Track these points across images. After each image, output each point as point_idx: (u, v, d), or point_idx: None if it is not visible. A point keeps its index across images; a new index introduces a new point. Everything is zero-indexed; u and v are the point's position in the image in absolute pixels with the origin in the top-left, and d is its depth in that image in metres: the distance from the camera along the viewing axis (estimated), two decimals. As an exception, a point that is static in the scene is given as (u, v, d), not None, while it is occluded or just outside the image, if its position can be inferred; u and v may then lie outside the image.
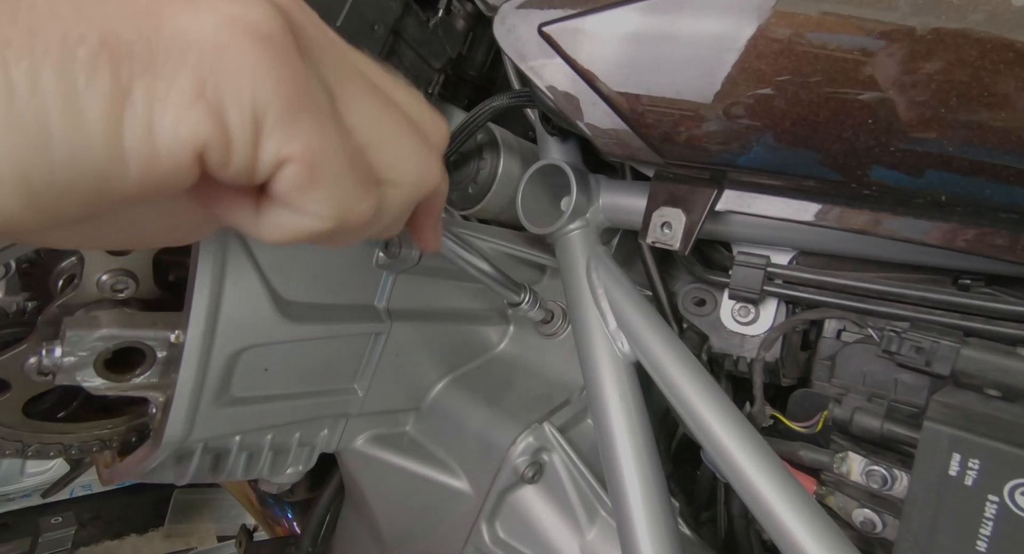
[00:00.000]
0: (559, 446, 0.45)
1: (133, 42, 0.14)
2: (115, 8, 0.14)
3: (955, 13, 0.23)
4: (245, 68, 0.15)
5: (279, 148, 0.16)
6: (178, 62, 0.15)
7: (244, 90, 0.15)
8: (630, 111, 0.33)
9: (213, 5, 0.15)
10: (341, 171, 0.17)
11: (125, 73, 0.14)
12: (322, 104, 0.17)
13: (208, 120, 0.15)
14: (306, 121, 0.16)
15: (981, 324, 0.31)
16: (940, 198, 0.26)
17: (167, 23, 0.14)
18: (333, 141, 0.17)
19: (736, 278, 0.39)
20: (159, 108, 0.15)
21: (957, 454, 0.25)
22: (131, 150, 0.15)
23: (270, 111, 0.16)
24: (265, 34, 0.15)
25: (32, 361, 0.30)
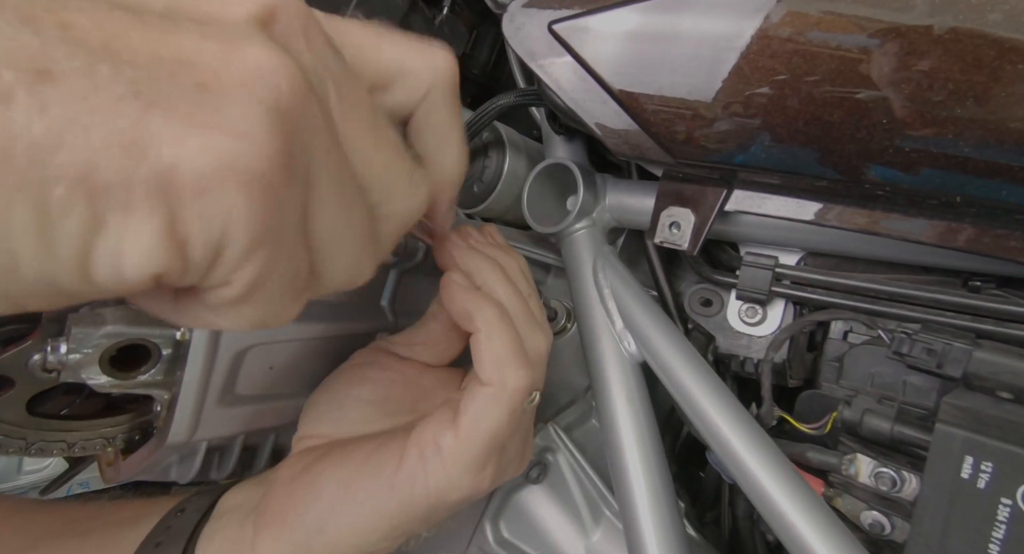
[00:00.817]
0: (564, 446, 0.45)
1: (111, 180, 0.13)
2: (98, 142, 0.13)
3: (973, 13, 0.23)
4: (222, 211, 0.15)
5: (227, 275, 0.16)
6: (153, 200, 0.14)
7: (215, 230, 0.15)
8: (640, 110, 0.33)
9: (206, 142, 0.14)
10: (275, 294, 0.17)
11: (100, 208, 0.14)
12: (290, 227, 0.16)
13: (174, 253, 0.15)
14: (265, 251, 0.16)
15: (992, 326, 0.31)
16: (955, 199, 0.26)
17: (151, 159, 0.14)
18: (283, 264, 0.17)
19: (744, 279, 0.39)
20: (130, 242, 0.14)
21: (970, 457, 0.25)
22: (97, 277, 0.14)
23: (232, 247, 0.15)
24: (254, 177, 0.15)
25: (36, 358, 0.30)
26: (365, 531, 0.26)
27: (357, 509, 0.26)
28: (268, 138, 0.15)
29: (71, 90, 0.13)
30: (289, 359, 0.37)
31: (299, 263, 0.18)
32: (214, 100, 0.14)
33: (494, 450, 0.27)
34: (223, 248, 0.15)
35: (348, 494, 0.26)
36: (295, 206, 0.16)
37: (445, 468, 0.26)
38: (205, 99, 0.14)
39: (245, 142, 0.14)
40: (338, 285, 0.20)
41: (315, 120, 0.16)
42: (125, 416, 0.36)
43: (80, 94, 0.13)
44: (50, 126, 0.13)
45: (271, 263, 0.16)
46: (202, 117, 0.14)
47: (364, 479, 0.27)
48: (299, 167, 0.16)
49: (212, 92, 0.14)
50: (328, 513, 0.26)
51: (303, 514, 0.27)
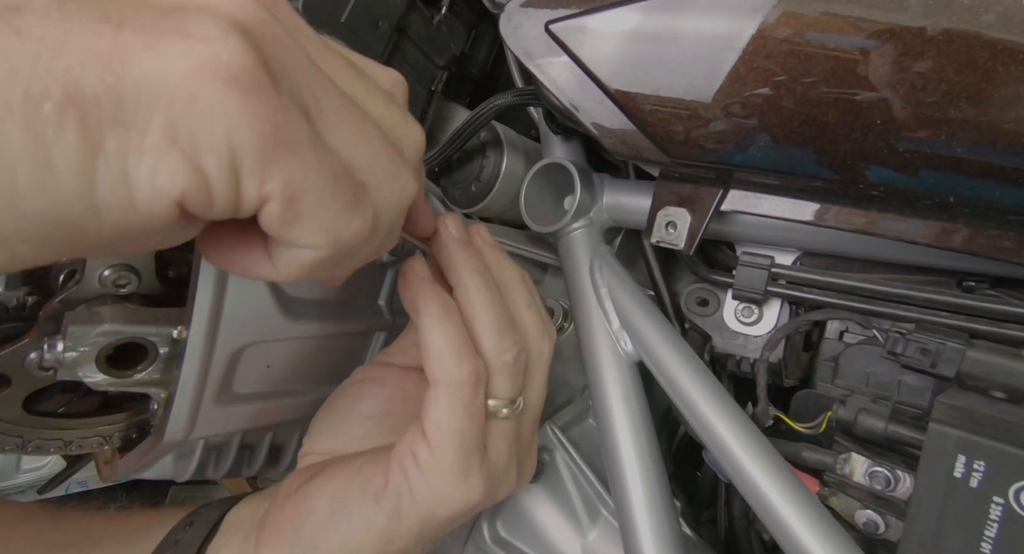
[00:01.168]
0: (561, 445, 0.45)
1: (99, 93, 0.14)
2: (76, 57, 0.13)
3: (967, 14, 0.23)
4: (218, 113, 0.15)
5: (259, 188, 0.16)
6: (147, 111, 0.14)
7: (219, 135, 0.15)
8: (637, 110, 0.33)
9: (179, 47, 0.14)
10: (323, 199, 0.17)
11: (94, 126, 0.14)
12: (300, 135, 0.17)
13: (184, 168, 0.15)
14: (283, 157, 0.16)
15: (986, 326, 0.31)
16: (948, 199, 0.26)
17: (131, 70, 0.14)
18: (312, 172, 0.17)
19: (740, 278, 0.39)
20: (133, 159, 0.14)
21: (962, 456, 0.25)
22: (105, 202, 0.14)
23: (247, 153, 0.15)
24: (236, 74, 0.15)
25: (33, 356, 0.30)
26: (356, 548, 0.26)
27: (346, 524, 0.26)
28: (235, 41, 0.15)
29: (43, 18, 0.13)
30: (286, 358, 0.37)
31: (333, 166, 0.18)
32: (179, 17, 0.15)
33: (470, 453, 0.26)
34: (237, 157, 0.15)
35: (338, 510, 0.26)
36: (296, 117, 0.16)
37: (426, 479, 0.25)
38: (172, 18, 0.15)
39: (214, 43, 0.15)
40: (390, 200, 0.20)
41: (290, 49, 0.17)
42: (122, 414, 0.36)
43: (52, 21, 0.13)
44: (27, 49, 0.13)
45: (298, 166, 0.16)
46: (170, 28, 0.15)
47: (351, 493, 0.26)
48: (283, 80, 0.16)
49: (177, 13, 0.15)
50: (320, 529, 0.26)
51: (299, 529, 0.27)
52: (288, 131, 0.16)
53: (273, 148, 0.16)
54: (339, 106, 0.18)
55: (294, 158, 0.16)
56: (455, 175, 0.52)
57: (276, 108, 0.16)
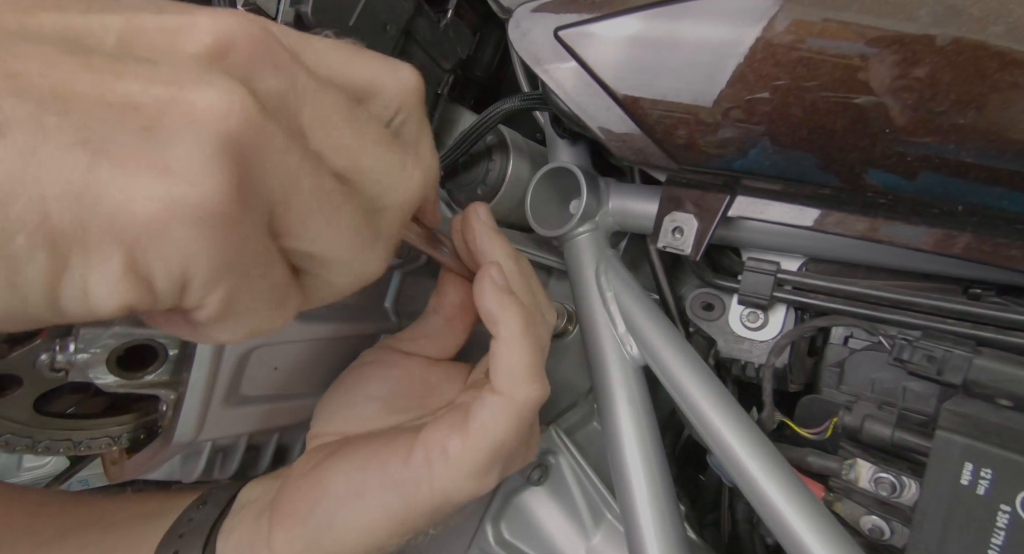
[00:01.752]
0: (565, 449, 0.45)
1: (68, 225, 0.14)
2: (50, 190, 0.14)
3: (976, 24, 0.23)
4: (178, 248, 0.15)
5: (198, 300, 0.17)
6: (111, 243, 0.15)
7: (174, 266, 0.16)
8: (644, 115, 0.34)
9: (152, 185, 0.14)
10: (253, 309, 0.18)
11: (63, 250, 0.14)
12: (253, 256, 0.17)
13: (137, 289, 0.16)
14: (229, 279, 0.17)
15: (992, 334, 0.31)
16: (956, 208, 0.26)
17: (102, 204, 0.14)
18: (253, 288, 0.18)
19: (746, 284, 0.40)
20: (93, 280, 0.15)
21: (969, 464, 0.25)
22: (66, 309, 0.15)
23: (197, 278, 0.16)
24: (205, 217, 0.15)
25: (44, 357, 0.30)
26: (371, 528, 0.27)
27: (362, 506, 0.27)
28: (214, 176, 0.15)
29: (20, 142, 0.13)
30: (294, 360, 0.37)
31: (274, 279, 0.18)
32: (160, 142, 0.15)
33: (500, 457, 0.27)
34: (187, 281, 0.16)
35: (353, 491, 0.27)
36: (258, 233, 0.17)
37: (450, 472, 0.26)
38: (151, 142, 0.15)
39: (189, 183, 0.15)
40: (349, 285, 0.21)
41: (276, 144, 0.17)
42: (130, 415, 0.37)
43: (29, 146, 0.13)
44: (2, 179, 0.13)
45: (239, 285, 0.17)
46: (148, 161, 0.15)
47: (369, 476, 0.27)
48: (257, 197, 0.17)
49: (158, 134, 0.15)
50: (335, 509, 0.27)
51: (313, 510, 0.27)
52: (242, 253, 0.17)
53: (223, 272, 0.16)
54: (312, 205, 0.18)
55: (241, 275, 0.17)
56: (461, 178, 0.52)
57: (236, 233, 0.16)
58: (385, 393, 0.32)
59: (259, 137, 0.16)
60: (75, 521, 0.32)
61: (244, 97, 0.16)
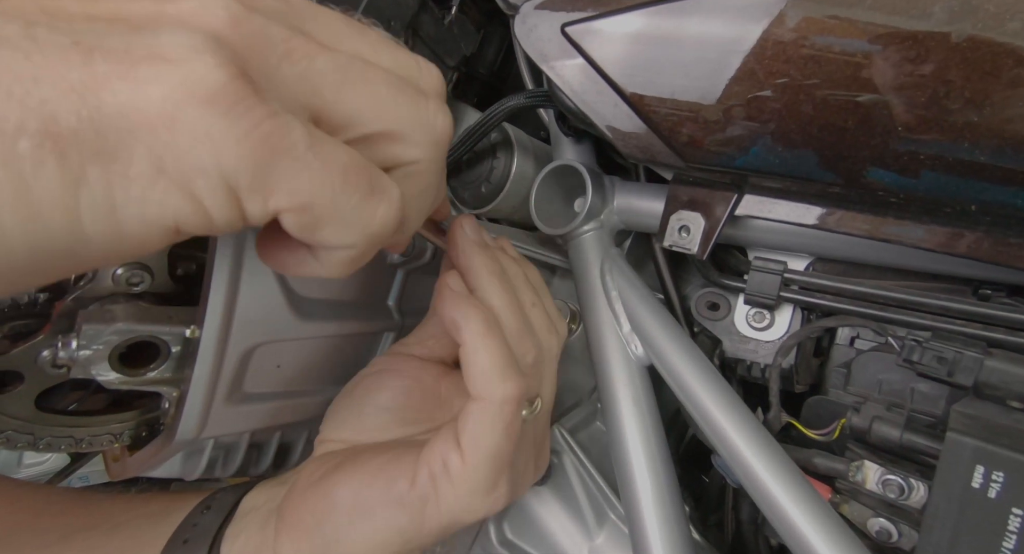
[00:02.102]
0: (569, 448, 0.45)
1: (76, 126, 0.13)
2: (49, 90, 0.13)
3: (992, 21, 0.23)
4: (202, 139, 0.14)
5: (263, 205, 0.16)
6: (129, 142, 0.14)
7: (207, 160, 0.14)
8: (652, 113, 0.33)
9: (151, 71, 0.14)
10: (337, 200, 0.17)
11: (75, 159, 0.13)
12: (295, 139, 0.16)
13: (175, 196, 0.14)
14: (282, 168, 0.15)
15: (1003, 335, 0.31)
16: (970, 207, 0.26)
17: (107, 100, 0.14)
18: (317, 175, 0.16)
19: (752, 283, 0.39)
20: (119, 191, 0.14)
21: (981, 466, 0.25)
22: (94, 233, 0.14)
23: (241, 172, 0.15)
24: (213, 92, 0.14)
25: (46, 354, 0.30)
26: (378, 545, 0.26)
27: (370, 523, 0.26)
28: (210, 58, 0.14)
29: (12, 50, 0.13)
30: (297, 358, 0.37)
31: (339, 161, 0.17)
32: (150, 37, 0.14)
33: (501, 468, 0.26)
34: (231, 178, 0.15)
35: (361, 508, 0.27)
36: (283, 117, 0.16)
37: (455, 490, 0.26)
38: (142, 38, 0.14)
39: (189, 64, 0.14)
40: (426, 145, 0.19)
41: (272, 33, 0.16)
42: (132, 413, 0.36)
43: (22, 52, 0.13)
44: None
45: (300, 174, 0.16)
46: (142, 52, 0.14)
47: (376, 493, 0.27)
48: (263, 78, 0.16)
49: (146, 32, 0.14)
50: (344, 525, 0.27)
51: (321, 523, 0.27)
52: (281, 140, 0.15)
53: (268, 162, 0.15)
54: (339, 77, 0.17)
55: (293, 167, 0.16)
56: (465, 176, 0.52)
57: (262, 118, 0.15)
58: (395, 404, 0.32)
59: (250, 30, 0.16)
60: (79, 522, 0.32)
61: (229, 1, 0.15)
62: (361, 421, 0.32)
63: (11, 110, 0.13)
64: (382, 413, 0.32)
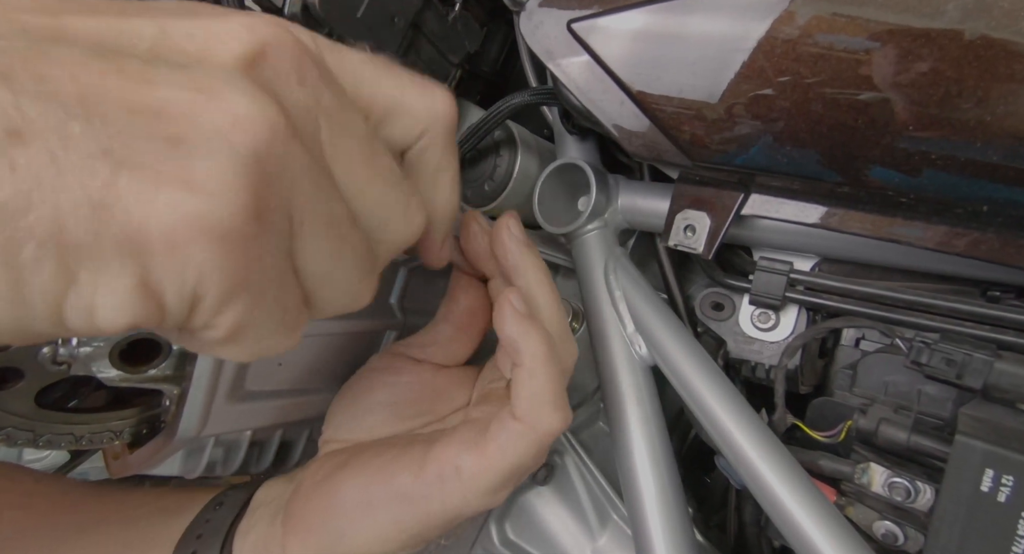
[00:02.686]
0: (572, 448, 0.44)
1: (81, 239, 0.14)
2: (66, 200, 0.13)
3: (1006, 19, 0.22)
4: (191, 267, 0.15)
5: (207, 322, 0.16)
6: (125, 258, 0.14)
7: (188, 282, 0.15)
8: (659, 112, 0.33)
9: (174, 199, 0.14)
10: (264, 329, 0.17)
11: (72, 264, 0.14)
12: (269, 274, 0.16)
13: (146, 305, 0.15)
14: (240, 303, 0.16)
15: (1013, 337, 0.30)
16: (982, 208, 0.26)
17: (119, 218, 0.14)
18: (266, 309, 0.17)
19: (758, 284, 0.39)
20: (100, 295, 0.14)
21: (990, 470, 0.25)
22: (71, 326, 0.15)
23: (209, 296, 0.15)
24: (224, 233, 0.15)
25: (46, 350, 0.30)
26: (382, 540, 0.27)
27: (374, 519, 0.27)
28: (238, 193, 0.15)
29: (41, 150, 0.13)
30: (299, 356, 0.37)
31: (286, 302, 0.18)
32: (185, 154, 0.14)
33: (516, 478, 0.27)
34: (198, 300, 0.15)
35: (365, 504, 0.27)
36: (274, 252, 0.16)
37: (463, 491, 0.26)
38: (176, 153, 0.14)
39: (213, 199, 0.14)
40: (337, 311, 0.20)
41: (298, 162, 0.16)
42: (133, 410, 0.36)
43: (50, 155, 0.13)
44: (19, 187, 0.13)
45: (252, 308, 0.16)
46: (171, 173, 0.14)
47: (380, 490, 0.27)
48: (277, 214, 0.16)
49: (184, 145, 0.14)
50: (348, 521, 0.27)
51: (326, 521, 0.27)
52: (257, 274, 0.16)
53: (236, 293, 0.16)
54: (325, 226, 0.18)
55: (254, 297, 0.16)
56: (468, 173, 0.52)
57: (254, 253, 0.16)
58: (394, 400, 0.32)
59: (285, 153, 0.16)
60: (95, 515, 0.33)
61: (274, 110, 0.15)
62: (361, 419, 0.32)
63: (24, 218, 0.13)
64: (381, 410, 0.32)
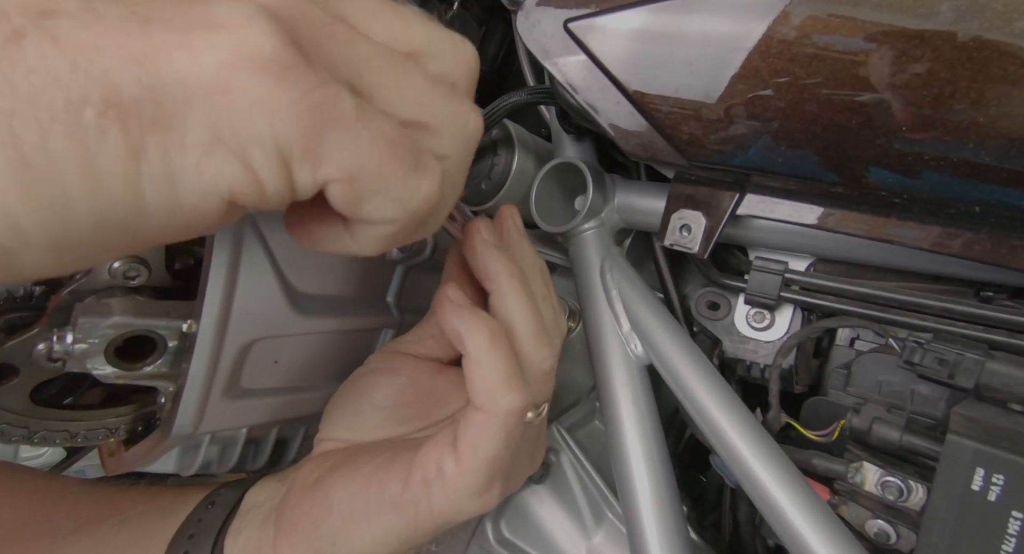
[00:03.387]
0: (567, 447, 0.44)
1: (136, 96, 0.14)
2: (111, 59, 0.13)
3: (999, 20, 0.22)
4: (257, 105, 0.15)
5: (313, 174, 0.16)
6: (185, 110, 0.14)
7: (262, 127, 0.15)
8: (655, 111, 0.33)
9: (206, 39, 0.14)
10: (383, 172, 0.17)
11: (135, 128, 0.14)
12: (345, 109, 0.16)
13: (231, 165, 0.15)
14: (332, 138, 0.16)
15: (1005, 338, 0.30)
16: (974, 208, 0.26)
17: (165, 69, 0.14)
18: (365, 147, 0.16)
19: (753, 283, 0.39)
20: (176, 159, 0.14)
21: (981, 469, 0.25)
22: (153, 203, 0.14)
23: (294, 143, 0.15)
24: (267, 58, 0.15)
25: (42, 347, 0.30)
26: (374, 546, 0.27)
27: (365, 526, 0.27)
28: (263, 27, 0.15)
29: (75, 21, 0.13)
30: (295, 353, 0.37)
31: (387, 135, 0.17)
32: (204, 5, 0.15)
33: (497, 473, 0.26)
34: (284, 146, 0.15)
35: (356, 511, 0.27)
36: (334, 87, 0.16)
37: (448, 494, 0.26)
38: (196, 7, 0.15)
39: (242, 31, 0.15)
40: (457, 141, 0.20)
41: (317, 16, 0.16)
42: (128, 407, 0.36)
43: (83, 23, 0.13)
44: (63, 53, 0.13)
45: (349, 145, 0.16)
46: (198, 20, 0.14)
47: (370, 497, 0.27)
48: (312, 51, 0.16)
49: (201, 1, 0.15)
50: (339, 527, 0.27)
51: (317, 526, 0.27)
52: (331, 108, 0.16)
53: (319, 130, 0.15)
54: (381, 65, 0.18)
55: (343, 136, 0.16)
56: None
57: (314, 86, 0.15)
58: (391, 402, 0.32)
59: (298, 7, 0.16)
60: (90, 514, 0.33)
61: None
62: (357, 420, 0.32)
63: (76, 80, 0.13)
64: (378, 411, 0.31)
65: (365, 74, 0.17)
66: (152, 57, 0.14)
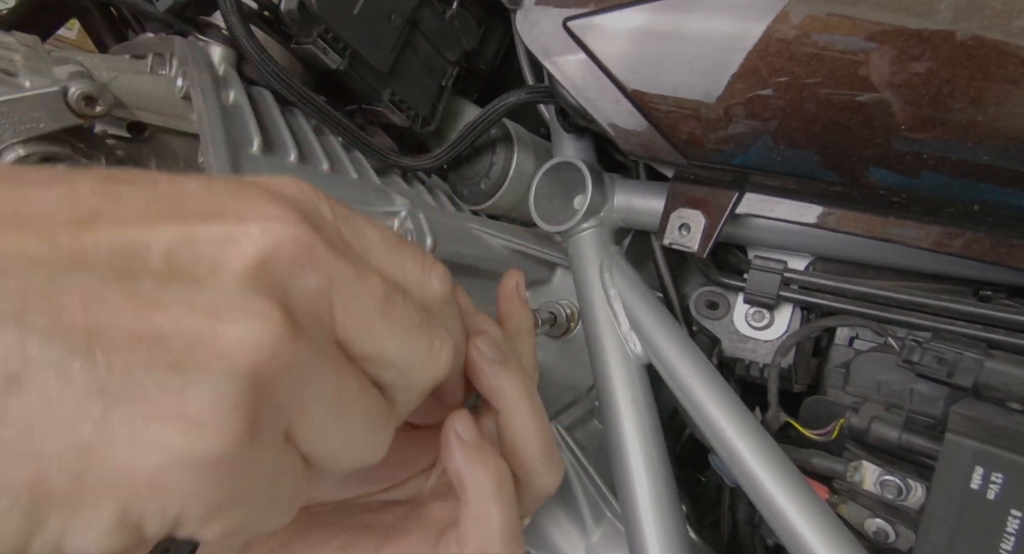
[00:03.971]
0: (566, 446, 0.44)
1: (58, 487, 0.13)
2: (52, 449, 0.13)
3: (998, 19, 0.22)
4: (176, 497, 0.14)
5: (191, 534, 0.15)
6: (104, 498, 0.13)
7: (169, 513, 0.14)
8: (654, 110, 0.33)
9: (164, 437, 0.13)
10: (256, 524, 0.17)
11: (41, 512, 0.13)
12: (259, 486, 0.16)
13: (123, 540, 0.14)
14: (227, 515, 0.15)
15: (1004, 337, 0.31)
16: (973, 208, 0.26)
17: (104, 460, 0.13)
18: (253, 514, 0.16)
19: (752, 282, 0.39)
20: (71, 537, 0.14)
21: (980, 467, 0.25)
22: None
23: (191, 519, 0.15)
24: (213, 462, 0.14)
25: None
26: None
27: None
28: (231, 418, 0.14)
29: (37, 396, 0.12)
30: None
31: (282, 490, 0.17)
32: (181, 383, 0.14)
33: None
34: (179, 524, 0.15)
35: None
36: (268, 455, 0.16)
37: None
38: (174, 381, 0.14)
39: (205, 429, 0.14)
40: (347, 469, 0.20)
41: (304, 358, 0.16)
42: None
43: (45, 399, 0.12)
44: (3, 438, 0.12)
45: (241, 515, 0.16)
46: (165, 407, 0.14)
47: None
48: (274, 422, 0.16)
49: (182, 372, 0.14)
50: None
51: None
52: (248, 484, 0.15)
53: (224, 507, 0.15)
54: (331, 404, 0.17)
55: (242, 507, 0.15)
56: (464, 172, 0.52)
57: (245, 472, 0.15)
58: None
59: (289, 359, 0.15)
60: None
61: (278, 319, 0.15)
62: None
63: (7, 469, 0.12)
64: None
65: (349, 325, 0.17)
66: (96, 449, 0.13)
